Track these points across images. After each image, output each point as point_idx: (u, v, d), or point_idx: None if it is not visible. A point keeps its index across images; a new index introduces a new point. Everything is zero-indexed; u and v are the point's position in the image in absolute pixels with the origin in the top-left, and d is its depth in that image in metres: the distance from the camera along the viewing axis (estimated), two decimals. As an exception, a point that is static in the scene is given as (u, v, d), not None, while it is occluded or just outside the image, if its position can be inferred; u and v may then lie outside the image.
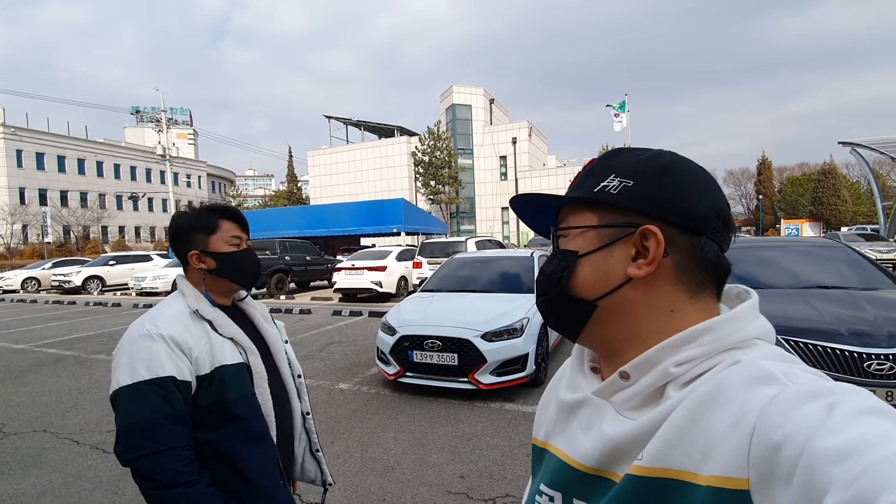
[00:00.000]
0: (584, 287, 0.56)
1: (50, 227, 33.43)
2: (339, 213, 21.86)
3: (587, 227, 0.57)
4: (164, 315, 1.16)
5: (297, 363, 1.41)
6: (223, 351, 1.19)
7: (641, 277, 0.53)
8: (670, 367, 0.50)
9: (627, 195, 0.55)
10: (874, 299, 3.66)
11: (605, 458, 0.52)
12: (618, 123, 30.23)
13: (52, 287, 18.21)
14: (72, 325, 10.12)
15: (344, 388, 4.96)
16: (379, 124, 48.79)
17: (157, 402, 1.05)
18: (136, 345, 1.10)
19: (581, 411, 0.59)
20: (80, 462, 3.44)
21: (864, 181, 45.34)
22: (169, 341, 1.10)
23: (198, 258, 1.25)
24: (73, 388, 5.29)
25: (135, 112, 35.56)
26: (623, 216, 0.55)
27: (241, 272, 1.30)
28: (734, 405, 0.43)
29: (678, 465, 0.45)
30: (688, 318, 0.53)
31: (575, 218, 0.59)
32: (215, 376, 1.15)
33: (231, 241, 1.28)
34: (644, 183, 0.54)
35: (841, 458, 0.34)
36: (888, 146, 22.03)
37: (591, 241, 0.57)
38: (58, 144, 42.97)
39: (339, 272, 12.57)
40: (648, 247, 0.53)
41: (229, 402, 1.15)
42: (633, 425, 0.50)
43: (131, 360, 1.08)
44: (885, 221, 24.05)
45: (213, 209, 1.30)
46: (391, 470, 3.18)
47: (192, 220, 1.27)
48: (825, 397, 0.39)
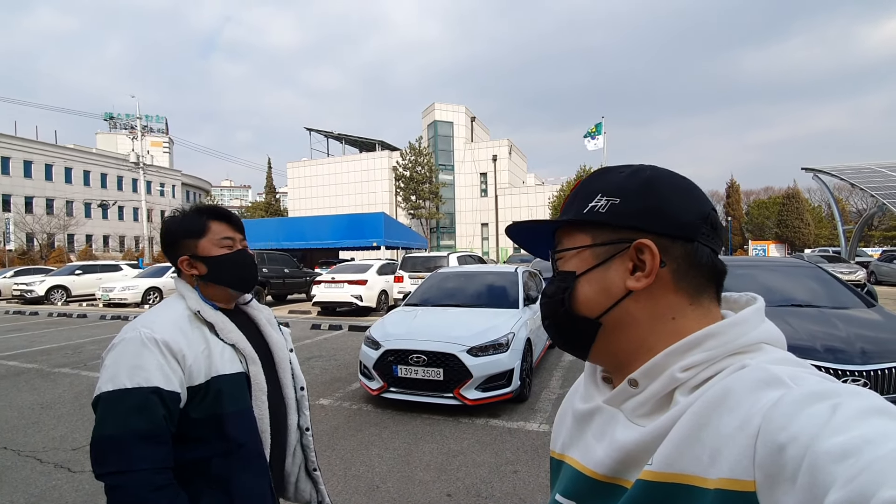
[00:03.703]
0: (586, 304, 0.58)
1: (13, 234, 31.94)
2: (318, 225, 21.66)
3: (581, 247, 0.59)
4: (160, 318, 1.09)
5: (300, 374, 1.34)
6: (222, 358, 1.11)
7: (641, 289, 0.55)
8: (677, 372, 0.51)
9: (616, 212, 0.57)
10: (845, 317, 3.81)
11: (618, 466, 0.53)
12: (593, 144, 31.05)
13: (13, 297, 17.32)
14: (34, 336, 9.62)
15: (325, 404, 4.84)
16: (360, 138, 48.83)
17: (133, 416, 0.97)
18: (124, 348, 1.02)
19: (594, 420, 0.60)
20: (44, 481, 3.24)
21: (825, 206, 47.50)
22: (162, 346, 1.02)
23: (188, 263, 1.18)
24: (36, 403, 5.01)
25: (108, 118, 34.55)
26: (615, 233, 0.57)
27: (235, 276, 1.22)
28: (741, 409, 0.43)
29: (687, 469, 0.45)
30: (690, 323, 0.55)
31: (569, 240, 0.61)
32: (211, 387, 1.07)
33: (222, 242, 1.20)
34: (630, 199, 0.57)
35: (843, 456, 0.35)
36: (847, 173, 23.22)
37: (587, 260, 0.59)
38: (24, 149, 41.34)
39: (319, 285, 12.38)
40: (645, 260, 0.55)
41: (224, 416, 1.07)
42: (644, 431, 0.51)
43: (116, 365, 1.00)
44: (845, 244, 25.19)
45: (201, 210, 1.22)
46: (376, 489, 3.10)
47: (180, 224, 1.19)
48: (829, 399, 0.40)
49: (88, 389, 5.52)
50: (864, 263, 21.05)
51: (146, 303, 14.65)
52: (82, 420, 4.46)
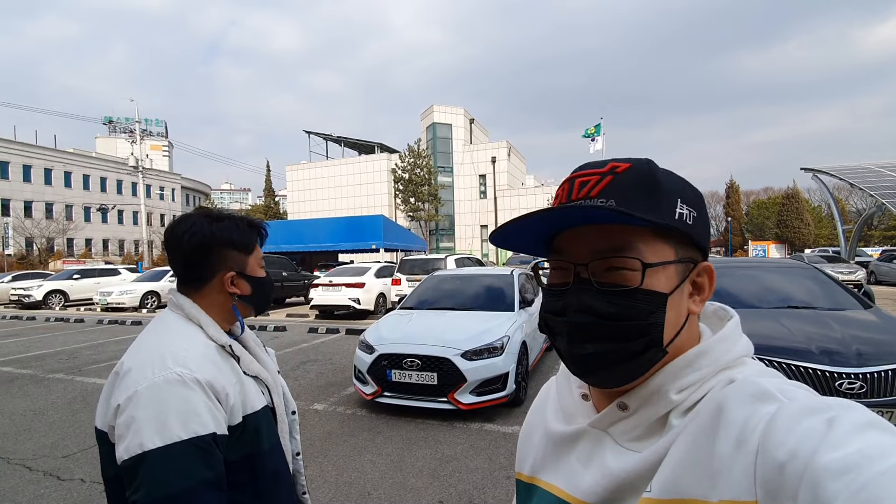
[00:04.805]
0: (668, 333, 0.50)
1: (11, 239, 31.92)
2: (317, 228, 21.61)
3: (668, 262, 0.51)
4: (191, 353, 0.94)
5: (291, 398, 1.24)
6: (252, 392, 1.02)
7: (697, 314, 0.53)
8: (672, 394, 0.50)
9: (698, 226, 0.53)
10: (841, 319, 3.77)
11: (610, 494, 0.50)
12: (593, 146, 31.00)
13: (11, 301, 17.30)
14: (30, 341, 9.59)
15: (319, 409, 4.81)
16: (359, 140, 48.85)
17: (196, 466, 0.85)
18: (164, 394, 0.86)
19: (578, 444, 0.56)
20: (32, 490, 3.21)
21: (825, 206, 47.54)
22: (206, 388, 0.90)
23: (232, 281, 1.05)
24: (28, 410, 4.98)
25: (107, 122, 34.52)
26: (690, 251, 0.53)
27: (266, 299, 1.14)
28: (735, 425, 0.43)
29: (688, 493, 0.44)
30: (686, 343, 0.53)
31: (649, 248, 0.50)
32: (248, 425, 0.97)
33: (261, 262, 1.12)
34: (702, 214, 0.54)
35: (842, 472, 0.35)
36: (846, 173, 23.24)
37: (672, 278, 0.51)
38: (23, 153, 41.37)
39: (317, 288, 12.35)
40: (701, 283, 0.53)
41: (262, 454, 0.98)
42: (640, 458, 0.49)
43: (161, 415, 0.85)
44: (845, 244, 25.19)
45: (253, 224, 1.11)
46: (367, 495, 3.07)
47: (230, 233, 1.05)
48: (823, 412, 0.39)
49: (82, 395, 5.49)
50: (864, 263, 21.03)
51: (143, 307, 14.63)
52: (74, 427, 4.43)
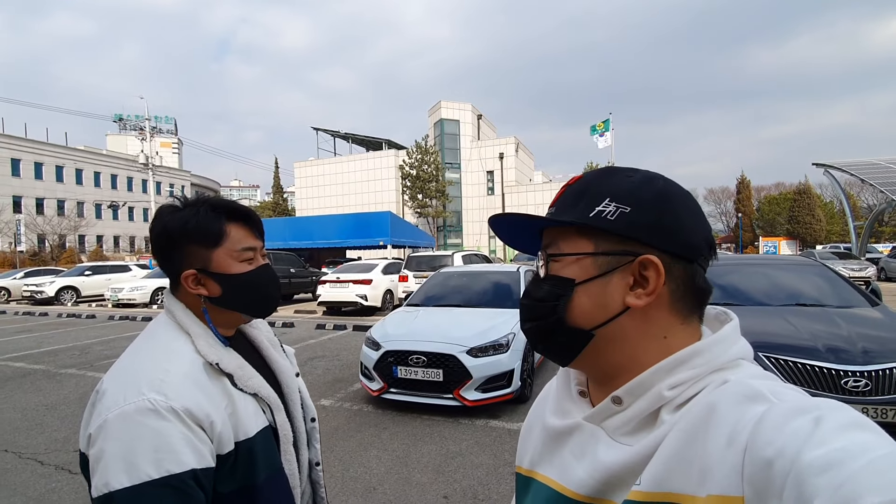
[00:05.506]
0: (581, 316, 0.55)
1: (23, 236, 32.40)
2: (325, 225, 21.67)
3: (584, 254, 0.55)
4: (170, 374, 0.80)
5: (311, 404, 1.09)
6: (247, 413, 0.87)
7: (640, 308, 0.53)
8: (664, 390, 0.51)
9: (626, 222, 0.53)
10: (848, 316, 3.74)
11: (602, 486, 0.52)
12: (602, 141, 30.74)
13: (23, 298, 17.58)
14: (42, 337, 9.75)
15: (326, 405, 4.85)
16: (367, 137, 48.86)
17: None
18: (134, 425, 0.73)
19: (572, 438, 0.58)
20: (44, 484, 3.28)
21: (836, 201, 46.81)
22: (185, 417, 0.76)
23: (195, 280, 0.89)
24: (40, 405, 5.07)
25: (118, 119, 34.87)
26: (621, 244, 0.54)
27: (255, 300, 0.95)
28: (727, 424, 0.44)
29: (677, 488, 0.45)
30: (679, 342, 0.54)
31: (568, 243, 0.57)
32: (241, 453, 0.83)
33: (242, 255, 0.92)
34: (642, 210, 0.54)
35: (824, 469, 0.36)
36: (858, 168, 22.86)
37: (588, 268, 0.55)
38: (35, 150, 41.97)
39: (324, 285, 12.42)
40: (648, 276, 0.53)
41: (257, 486, 0.85)
42: (631, 451, 0.50)
43: (128, 452, 0.72)
44: (856, 240, 24.82)
45: (217, 207, 0.91)
46: (373, 490, 3.10)
47: (188, 224, 0.88)
48: (811, 412, 0.40)
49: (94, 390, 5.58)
50: (875, 260, 20.75)
51: (154, 303, 14.82)
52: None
